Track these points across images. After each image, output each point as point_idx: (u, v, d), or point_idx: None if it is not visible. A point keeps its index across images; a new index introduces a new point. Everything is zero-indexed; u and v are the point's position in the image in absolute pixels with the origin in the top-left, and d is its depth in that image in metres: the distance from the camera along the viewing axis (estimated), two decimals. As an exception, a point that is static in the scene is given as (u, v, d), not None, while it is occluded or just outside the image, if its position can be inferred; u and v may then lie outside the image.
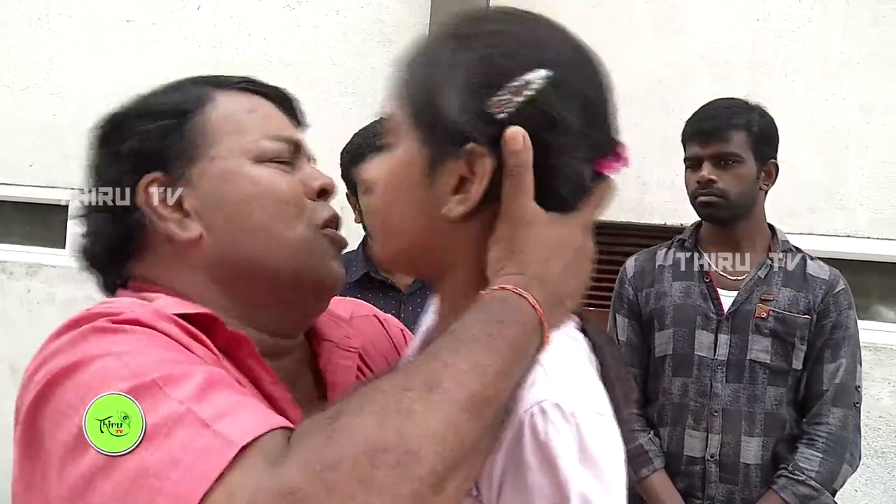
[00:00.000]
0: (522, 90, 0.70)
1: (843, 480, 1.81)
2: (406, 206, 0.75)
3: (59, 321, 2.86)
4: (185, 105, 0.86)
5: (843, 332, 1.84)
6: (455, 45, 0.73)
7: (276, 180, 0.86)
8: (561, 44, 0.75)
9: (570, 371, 0.70)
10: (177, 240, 0.84)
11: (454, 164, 0.72)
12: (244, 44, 3.81)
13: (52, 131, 4.04)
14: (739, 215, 1.87)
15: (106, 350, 0.69)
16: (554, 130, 0.71)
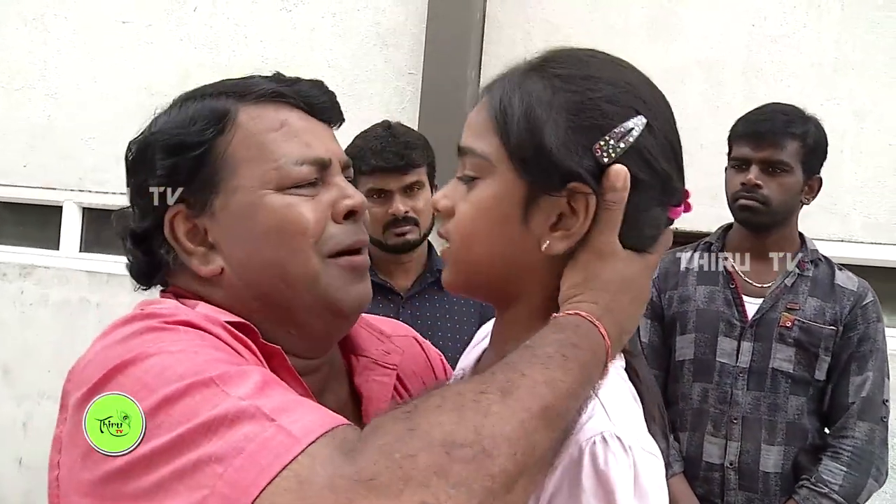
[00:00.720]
0: (625, 136, 0.74)
1: (867, 496, 1.82)
2: (494, 237, 0.78)
3: (52, 323, 2.91)
4: (206, 133, 0.85)
5: (871, 345, 1.85)
6: (556, 86, 0.77)
7: (297, 211, 0.85)
8: (650, 89, 0.80)
9: (626, 408, 0.75)
10: (199, 274, 0.86)
11: (553, 201, 0.76)
12: (240, 46, 3.79)
13: (46, 132, 4.00)
14: (776, 224, 1.87)
15: (161, 348, 0.71)
16: (647, 174, 0.76)
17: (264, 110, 0.87)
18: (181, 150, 0.85)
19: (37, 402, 3.95)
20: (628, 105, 0.76)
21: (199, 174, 0.85)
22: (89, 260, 4.02)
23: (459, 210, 0.80)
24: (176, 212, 0.86)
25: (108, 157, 3.91)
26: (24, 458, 3.95)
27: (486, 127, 0.79)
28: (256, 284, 0.85)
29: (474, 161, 0.79)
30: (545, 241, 0.76)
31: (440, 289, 2.09)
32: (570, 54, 0.82)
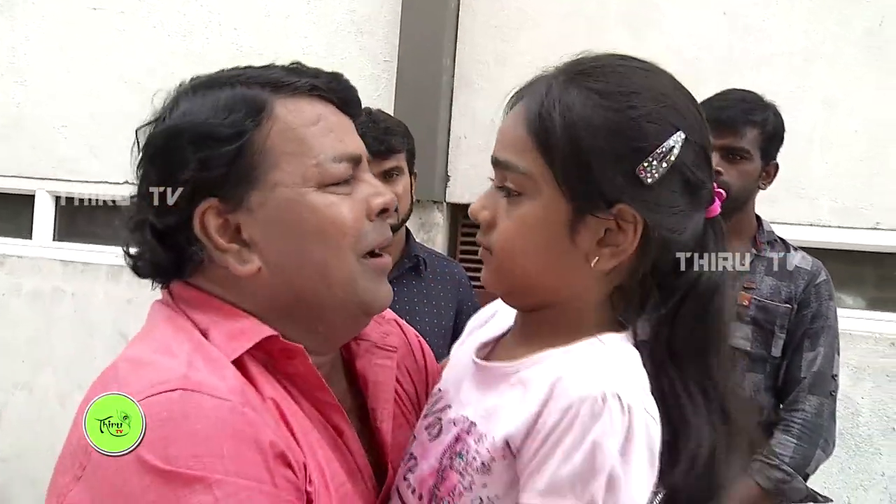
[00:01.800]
0: (667, 156, 0.78)
1: (816, 466, 1.89)
2: (541, 254, 0.81)
3: (26, 313, 2.90)
4: (243, 123, 0.82)
5: (823, 322, 1.90)
6: (596, 103, 0.79)
7: (339, 211, 0.84)
8: (683, 96, 0.83)
9: (631, 371, 0.78)
10: (236, 274, 0.83)
11: (600, 220, 0.79)
12: (214, 34, 3.77)
13: (16, 121, 3.97)
14: (734, 209, 1.90)
15: None
16: (686, 185, 0.80)
17: (300, 103, 0.85)
18: (216, 141, 0.81)
19: (11, 393, 3.94)
20: (667, 121, 0.79)
21: (234, 168, 0.82)
22: (63, 249, 4.00)
23: (503, 225, 0.82)
24: (208, 206, 0.83)
25: (80, 145, 3.89)
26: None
27: (526, 142, 0.80)
28: (294, 283, 0.84)
29: (516, 177, 0.81)
30: (594, 258, 0.80)
31: (418, 274, 2.13)
32: (605, 64, 0.83)
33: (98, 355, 3.68)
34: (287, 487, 0.75)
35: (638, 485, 0.74)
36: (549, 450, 0.73)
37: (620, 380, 0.75)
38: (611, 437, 0.72)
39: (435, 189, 3.35)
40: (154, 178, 0.84)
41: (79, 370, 3.78)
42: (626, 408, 0.73)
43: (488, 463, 0.79)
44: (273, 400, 0.80)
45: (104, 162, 3.84)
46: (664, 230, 0.80)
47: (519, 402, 0.78)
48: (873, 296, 3.23)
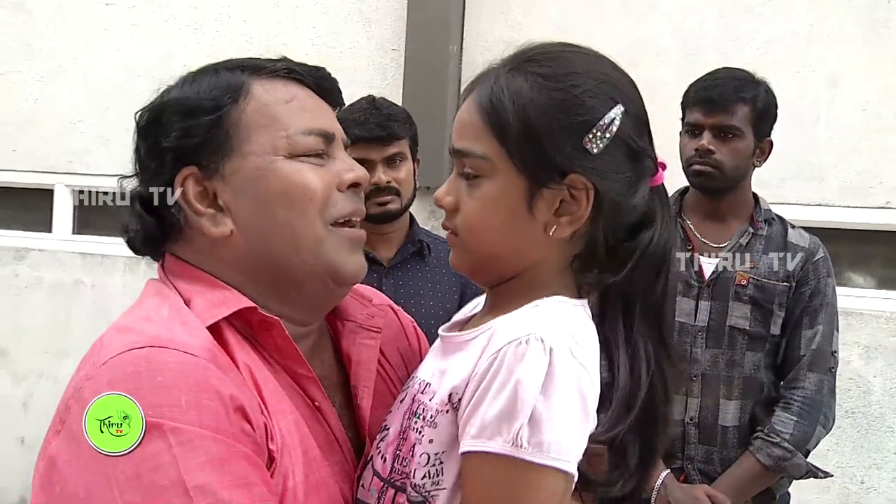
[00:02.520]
0: (609, 126, 0.84)
1: (816, 442, 1.89)
2: (503, 229, 0.86)
3: (46, 305, 2.98)
4: (222, 99, 0.89)
5: (822, 300, 1.90)
6: (541, 85, 0.85)
7: (306, 177, 0.90)
8: (619, 74, 0.90)
9: (564, 323, 0.82)
10: (209, 235, 0.89)
11: (554, 191, 0.85)
12: (224, 26, 3.82)
13: (34, 116, 4.04)
14: (729, 187, 1.92)
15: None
16: (629, 155, 0.86)
17: (276, 84, 0.92)
18: (197, 113, 0.88)
19: (35, 382, 4.04)
20: (607, 96, 0.85)
21: (212, 138, 0.89)
22: (82, 242, 4.08)
23: (466, 207, 0.87)
24: (188, 174, 0.89)
25: (96, 139, 3.96)
26: (25, 437, 4.04)
27: (480, 128, 0.86)
28: (264, 246, 0.89)
29: (474, 161, 0.86)
30: (552, 227, 0.85)
31: (422, 258, 2.16)
32: (547, 51, 0.89)
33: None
34: (244, 440, 0.79)
35: (564, 426, 0.77)
36: (480, 395, 0.78)
37: (547, 327, 0.79)
38: (532, 374, 0.76)
39: (443, 176, 3.37)
40: (143, 150, 0.92)
41: (99, 359, 3.87)
42: (547, 349, 0.77)
43: (434, 416, 0.84)
44: (246, 365, 0.85)
45: (118, 155, 3.92)
46: (614, 194, 0.85)
47: (464, 358, 0.84)
48: (883, 275, 3.21)
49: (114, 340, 0.82)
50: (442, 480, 0.82)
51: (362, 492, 0.90)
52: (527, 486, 0.76)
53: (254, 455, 0.79)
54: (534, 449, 0.75)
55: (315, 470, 0.87)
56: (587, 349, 0.82)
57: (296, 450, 0.85)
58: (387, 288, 2.08)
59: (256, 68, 0.92)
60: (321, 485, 0.87)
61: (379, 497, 0.87)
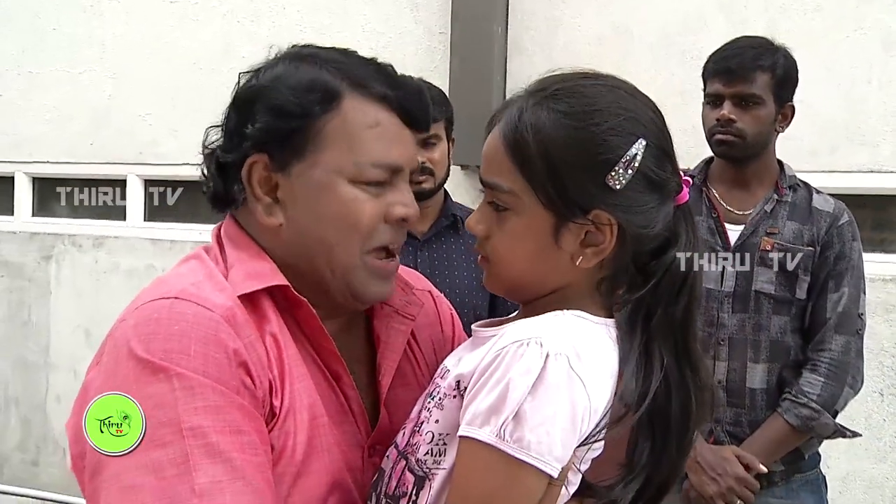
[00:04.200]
0: (631, 163, 0.87)
1: (844, 403, 1.90)
2: (531, 259, 0.91)
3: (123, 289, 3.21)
4: (312, 107, 0.92)
5: (847, 263, 1.90)
6: (564, 124, 0.88)
7: (360, 208, 0.93)
8: (641, 104, 0.92)
9: (573, 334, 0.86)
10: (260, 221, 0.96)
11: (579, 225, 0.89)
12: (279, 16, 3.97)
13: (106, 112, 4.29)
14: (753, 155, 1.93)
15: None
16: (651, 185, 0.89)
17: (367, 105, 0.94)
18: (285, 115, 0.92)
19: (115, 362, 4.29)
20: (628, 132, 0.88)
21: (291, 139, 0.93)
22: (153, 229, 4.32)
23: (496, 238, 0.92)
24: (259, 160, 0.94)
25: (164, 130, 4.18)
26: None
27: (505, 163, 0.90)
28: (303, 250, 0.95)
29: (502, 195, 0.91)
30: (578, 258, 0.89)
31: (455, 232, 2.24)
32: (568, 86, 0.91)
33: (188, 324, 3.97)
34: (242, 392, 0.85)
35: (546, 429, 0.80)
36: (480, 386, 0.83)
37: (551, 334, 0.83)
38: (523, 375, 0.80)
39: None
40: (232, 121, 0.97)
41: (172, 339, 4.11)
42: (543, 354, 0.81)
43: (443, 399, 0.89)
44: (273, 335, 0.91)
45: (184, 144, 4.13)
46: (637, 227, 0.89)
47: (479, 352, 0.88)
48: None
49: (151, 290, 0.92)
50: (443, 461, 0.88)
51: (385, 461, 0.95)
52: (505, 477, 0.81)
53: (249, 407, 0.85)
54: (515, 444, 0.80)
55: (321, 435, 0.92)
56: (589, 363, 0.84)
57: (302, 413, 0.91)
58: (422, 261, 2.17)
59: (356, 83, 0.94)
60: (324, 449, 0.92)
61: (392, 465, 0.93)
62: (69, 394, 4.38)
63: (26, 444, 4.48)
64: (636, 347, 0.88)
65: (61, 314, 4.41)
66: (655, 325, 0.90)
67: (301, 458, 0.90)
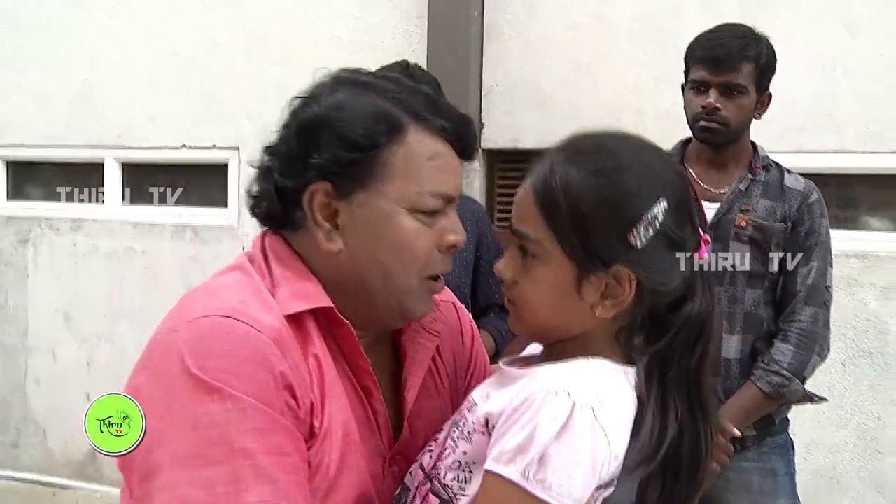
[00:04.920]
0: (653, 223, 0.93)
1: (812, 370, 2.01)
2: (554, 306, 0.97)
3: (103, 271, 3.25)
4: (379, 138, 0.95)
5: (816, 239, 2.01)
6: (592, 184, 0.94)
7: (417, 239, 0.98)
8: (665, 166, 0.99)
9: (599, 385, 0.91)
10: (319, 247, 0.98)
11: (601, 278, 0.94)
12: (256, 3, 3.94)
13: (84, 97, 4.29)
14: (733, 140, 2.03)
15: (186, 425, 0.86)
16: (671, 243, 0.95)
17: (427, 137, 0.98)
18: (352, 146, 0.95)
19: (96, 345, 4.31)
20: (652, 192, 0.94)
21: (356, 169, 0.95)
22: (132, 211, 4.32)
23: (523, 285, 0.98)
24: (321, 187, 0.96)
25: (141, 115, 4.17)
26: (90, 393, 4.31)
27: (534, 215, 0.96)
28: (361, 272, 0.98)
29: (530, 244, 0.97)
30: (597, 308, 0.95)
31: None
32: (599, 144, 0.98)
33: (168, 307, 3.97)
34: (287, 413, 0.89)
35: (568, 472, 0.86)
36: (508, 426, 0.89)
37: (578, 384, 0.89)
38: (551, 421, 0.86)
39: (467, 137, 3.52)
40: (294, 146, 0.98)
41: (152, 321, 4.09)
42: (570, 404, 0.87)
43: (471, 433, 0.95)
44: (315, 356, 0.95)
45: (163, 129, 4.14)
46: (654, 283, 0.95)
47: (507, 392, 0.94)
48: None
49: (201, 301, 0.94)
50: (468, 488, 0.94)
51: (408, 478, 1.01)
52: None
53: (293, 428, 0.90)
54: (538, 483, 0.85)
55: (352, 451, 0.97)
56: (612, 413, 0.90)
57: (337, 431, 0.95)
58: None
59: (419, 116, 0.98)
60: (353, 465, 0.97)
61: (418, 485, 0.98)
62: (48, 377, 4.39)
63: (6, 427, 4.49)
64: (654, 402, 0.94)
65: (39, 298, 4.41)
66: (671, 377, 0.95)
67: (334, 473, 0.95)
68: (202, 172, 4.18)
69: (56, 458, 4.36)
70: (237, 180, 4.03)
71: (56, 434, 4.38)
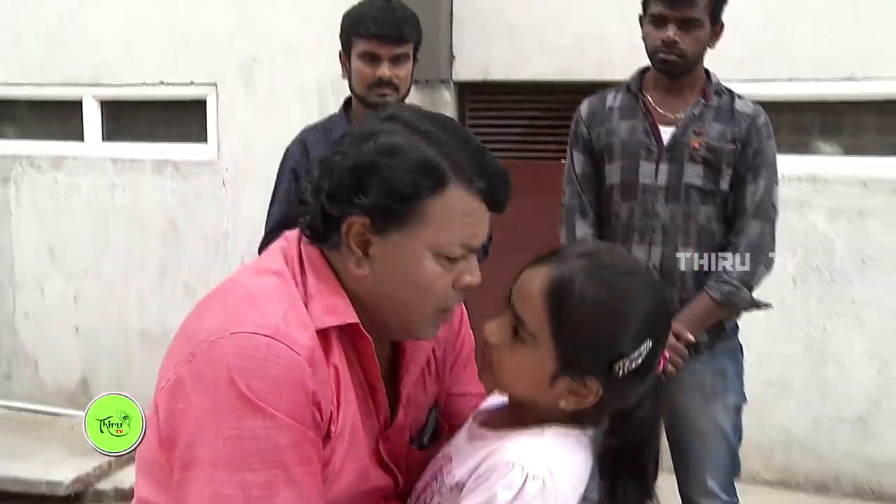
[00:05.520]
0: (636, 360, 1.05)
1: (759, 279, 2.20)
2: (525, 384, 1.10)
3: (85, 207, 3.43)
4: (422, 191, 1.02)
5: (763, 159, 2.17)
6: (601, 308, 1.05)
7: (438, 281, 1.06)
8: (662, 311, 1.12)
9: (552, 456, 1.05)
10: (349, 269, 1.07)
11: (574, 381, 1.06)
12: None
13: (58, 32, 4.30)
14: (689, 70, 2.18)
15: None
16: (644, 374, 1.08)
17: (466, 195, 1.04)
18: (396, 196, 1.01)
19: (82, 279, 4.43)
20: (644, 335, 1.05)
21: (396, 213, 1.02)
22: (112, 148, 4.39)
23: (505, 359, 1.10)
24: (360, 220, 1.03)
25: (117, 51, 4.21)
26: (79, 326, 4.48)
27: (541, 309, 1.06)
28: (381, 299, 1.08)
29: (524, 330, 1.07)
30: (562, 400, 1.07)
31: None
32: (619, 275, 1.07)
33: (150, 240, 4.14)
34: (313, 427, 1.01)
35: None
36: (473, 489, 1.05)
37: (533, 458, 1.03)
38: (506, 489, 1.01)
39: (441, 69, 3.63)
40: (345, 180, 1.04)
41: (136, 255, 4.25)
42: (525, 475, 1.01)
43: (448, 491, 1.11)
44: (335, 366, 1.05)
45: (140, 64, 4.19)
46: (616, 398, 1.08)
47: (475, 455, 1.09)
48: (849, 143, 3.45)
49: (244, 309, 1.01)
50: None
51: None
52: None
53: (317, 439, 1.02)
54: None
55: (356, 443, 1.09)
56: (560, 482, 1.03)
57: (346, 429, 1.07)
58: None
59: (460, 170, 1.03)
60: (357, 454, 1.09)
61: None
62: (36, 310, 4.52)
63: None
64: (608, 487, 1.10)
65: (24, 235, 4.50)
66: (624, 469, 1.11)
67: (339, 466, 1.07)
68: (180, 109, 4.25)
69: (48, 388, 4.52)
70: (215, 116, 4.11)
71: (47, 365, 4.54)
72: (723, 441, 2.24)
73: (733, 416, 2.26)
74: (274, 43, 3.85)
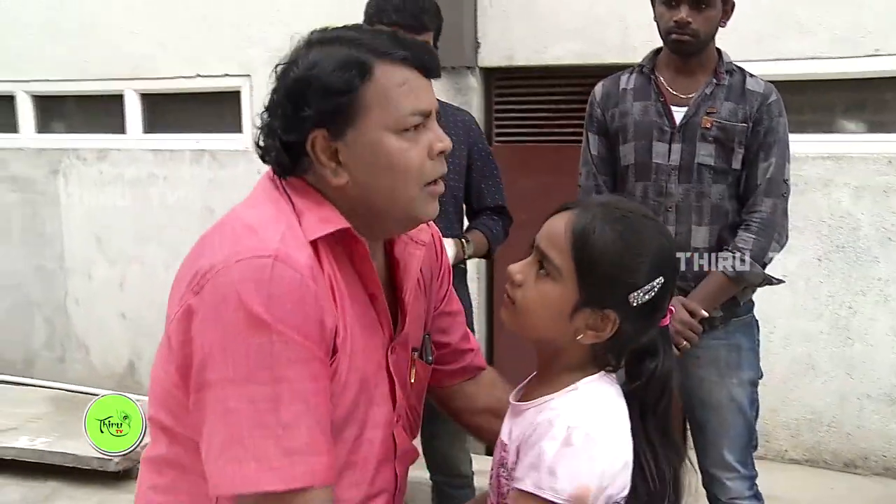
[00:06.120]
0: (649, 292, 1.14)
1: (772, 256, 2.24)
2: (547, 320, 1.16)
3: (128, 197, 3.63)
4: (353, 82, 1.09)
5: (774, 136, 2.21)
6: (618, 249, 1.14)
7: (407, 155, 1.12)
8: (671, 253, 1.21)
9: (591, 405, 1.14)
10: (329, 182, 1.13)
11: (593, 312, 1.15)
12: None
13: (93, 28, 4.46)
14: (701, 49, 2.22)
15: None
16: (654, 313, 1.17)
17: (393, 68, 1.11)
18: (332, 93, 1.08)
19: (127, 265, 4.61)
20: (657, 271, 1.15)
21: (341, 111, 1.09)
22: (153, 140, 4.55)
23: (529, 292, 1.16)
24: (319, 134, 1.10)
25: (154, 46, 4.36)
26: (125, 312, 4.66)
27: (565, 248, 1.14)
28: (369, 196, 1.13)
29: (550, 265, 1.15)
30: (580, 335, 1.15)
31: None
32: (634, 220, 1.17)
33: (191, 227, 4.27)
34: (320, 344, 1.06)
35: (573, 480, 1.07)
36: (522, 453, 1.13)
37: (571, 409, 1.12)
38: (550, 442, 1.09)
39: (466, 55, 3.70)
40: (287, 106, 1.12)
41: (177, 242, 4.40)
42: (566, 427, 1.09)
43: (509, 468, 1.18)
44: (329, 275, 1.11)
45: (176, 58, 4.34)
46: (629, 332, 1.16)
47: (520, 424, 1.18)
48: (873, 120, 3.43)
49: (245, 239, 1.07)
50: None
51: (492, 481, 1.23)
52: None
53: (324, 355, 1.07)
54: (550, 491, 1.07)
55: (358, 350, 1.15)
56: (605, 426, 1.12)
57: (348, 340, 1.12)
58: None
59: (380, 52, 1.11)
60: (359, 366, 1.15)
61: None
62: (86, 296, 4.72)
63: (52, 344, 4.85)
64: (642, 436, 1.17)
65: (73, 223, 4.70)
66: (648, 418, 1.18)
67: (345, 373, 1.13)
68: (216, 100, 4.39)
69: (99, 372, 4.72)
70: (249, 106, 4.24)
71: (97, 350, 4.75)
72: (739, 415, 2.29)
73: (749, 389, 2.30)
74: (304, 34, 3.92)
